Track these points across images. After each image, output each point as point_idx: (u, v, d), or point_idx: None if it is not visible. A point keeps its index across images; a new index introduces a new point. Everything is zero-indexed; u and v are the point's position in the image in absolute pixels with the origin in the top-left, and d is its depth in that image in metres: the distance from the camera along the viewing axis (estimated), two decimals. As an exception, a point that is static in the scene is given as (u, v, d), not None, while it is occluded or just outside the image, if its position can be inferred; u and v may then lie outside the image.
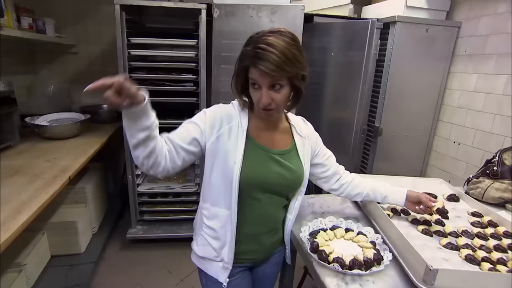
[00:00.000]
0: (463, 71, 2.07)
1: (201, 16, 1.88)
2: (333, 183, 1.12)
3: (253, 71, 0.83)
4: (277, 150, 0.97)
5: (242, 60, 0.86)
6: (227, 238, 0.94)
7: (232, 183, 0.89)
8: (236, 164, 0.88)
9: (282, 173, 0.95)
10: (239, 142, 0.90)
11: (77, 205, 2.08)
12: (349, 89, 2.17)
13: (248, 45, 0.84)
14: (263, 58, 0.79)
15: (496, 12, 1.83)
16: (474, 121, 2.00)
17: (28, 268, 1.62)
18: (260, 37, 0.82)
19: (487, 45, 1.89)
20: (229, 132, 0.91)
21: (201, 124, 0.91)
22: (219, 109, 0.95)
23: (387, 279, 0.86)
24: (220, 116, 0.92)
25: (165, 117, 2.10)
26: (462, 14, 2.07)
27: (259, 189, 0.95)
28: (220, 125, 0.92)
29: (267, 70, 0.80)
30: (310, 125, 1.11)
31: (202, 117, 0.92)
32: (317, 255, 0.90)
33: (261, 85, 0.84)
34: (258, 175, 0.93)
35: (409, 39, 2.03)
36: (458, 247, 0.97)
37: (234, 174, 0.88)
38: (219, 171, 0.92)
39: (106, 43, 2.61)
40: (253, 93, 0.88)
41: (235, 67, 0.90)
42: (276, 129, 1.00)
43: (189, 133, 0.90)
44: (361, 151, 2.32)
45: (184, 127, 0.93)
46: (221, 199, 0.93)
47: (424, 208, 1.09)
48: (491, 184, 1.35)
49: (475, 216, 1.19)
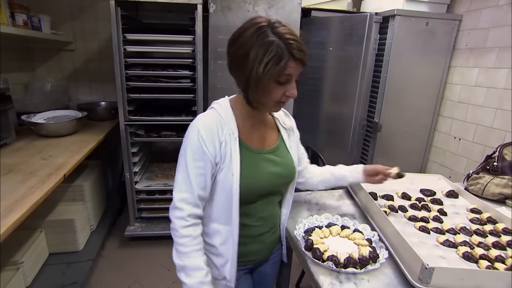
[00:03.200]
0: (463, 65, 2.04)
1: (197, 11, 1.86)
2: (300, 178, 1.13)
3: (292, 64, 0.77)
4: (269, 149, 0.93)
5: (279, 54, 0.75)
6: (229, 254, 0.89)
7: (233, 197, 0.84)
8: (234, 176, 0.83)
9: (277, 172, 0.93)
10: (233, 152, 0.84)
11: (75, 203, 2.07)
12: (347, 85, 2.15)
13: (267, 37, 0.75)
14: (300, 48, 0.76)
15: (498, 4, 1.79)
16: (474, 115, 1.97)
17: (26, 266, 1.62)
18: (277, 28, 0.76)
19: (489, 38, 1.86)
20: (225, 146, 0.84)
21: (210, 157, 0.82)
22: (208, 127, 0.83)
23: (383, 278, 0.84)
24: (212, 138, 0.82)
25: (162, 114, 2.08)
26: (463, 7, 2.03)
27: (258, 194, 0.92)
28: (219, 144, 0.83)
29: (306, 61, 0.78)
30: (292, 118, 1.06)
31: (205, 151, 0.81)
32: (311, 253, 0.88)
33: (293, 77, 0.80)
34: (256, 182, 0.88)
35: (409, 33, 2.00)
36: (455, 245, 0.95)
37: (233, 187, 0.83)
38: (220, 187, 0.86)
39: (103, 40, 2.59)
40: (276, 89, 0.80)
41: (260, 66, 0.75)
42: (263, 125, 0.96)
43: (206, 177, 0.83)
44: (360, 147, 2.30)
45: (198, 174, 0.82)
46: (221, 215, 0.88)
47: (382, 177, 1.10)
48: (491, 180, 1.33)
49: (474, 212, 1.16)
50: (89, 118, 2.35)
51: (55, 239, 1.92)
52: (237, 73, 0.83)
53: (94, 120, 2.42)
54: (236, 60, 0.81)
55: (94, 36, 2.58)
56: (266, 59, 0.74)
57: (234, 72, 0.84)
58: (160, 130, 2.17)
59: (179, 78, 2.04)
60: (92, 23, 2.54)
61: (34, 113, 2.06)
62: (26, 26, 1.96)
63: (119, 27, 1.82)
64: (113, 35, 1.82)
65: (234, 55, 0.81)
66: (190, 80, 2.04)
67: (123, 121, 1.96)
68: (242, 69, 0.79)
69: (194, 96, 2.03)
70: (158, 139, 2.16)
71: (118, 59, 1.86)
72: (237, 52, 0.79)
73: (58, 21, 2.41)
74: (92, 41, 2.59)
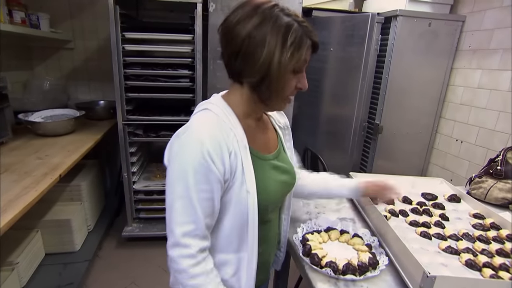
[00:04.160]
0: (466, 67, 2.01)
1: (197, 10, 1.84)
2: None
3: (308, 51, 0.69)
4: (273, 154, 0.81)
5: (300, 37, 0.66)
6: (242, 284, 0.75)
7: (248, 220, 0.69)
8: (250, 193, 0.68)
9: (285, 180, 0.82)
10: (245, 164, 0.69)
11: (72, 203, 2.05)
12: (348, 85, 2.12)
13: (282, 19, 0.65)
14: (316, 35, 0.68)
15: (502, 5, 1.76)
16: (477, 118, 1.94)
17: (21, 267, 1.60)
18: (284, 10, 0.67)
19: (492, 40, 1.83)
20: (235, 158, 0.68)
21: (219, 176, 0.66)
22: (214, 138, 0.66)
23: (382, 285, 0.81)
24: (221, 151, 0.66)
25: (161, 114, 2.07)
26: (466, 8, 2.00)
27: (270, 211, 0.80)
28: (228, 156, 0.68)
29: (319, 47, 0.71)
30: (285, 116, 0.94)
31: (212, 169, 0.65)
32: (309, 259, 0.86)
33: (304, 66, 0.71)
34: (269, 197, 0.75)
35: (411, 34, 1.97)
36: (458, 251, 0.92)
37: (249, 208, 0.69)
38: (229, 210, 0.71)
39: (103, 39, 2.57)
40: (290, 80, 0.70)
41: (284, 52, 0.65)
42: (264, 125, 0.85)
43: (214, 202, 0.68)
44: (361, 149, 2.28)
45: (203, 199, 0.66)
46: (230, 243, 0.73)
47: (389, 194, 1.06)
48: (494, 184, 1.30)
49: (476, 218, 1.14)
50: (88, 117, 2.33)
51: (52, 239, 1.90)
52: (246, 64, 0.67)
53: (93, 119, 2.40)
54: (245, 48, 0.66)
55: (94, 35, 2.56)
56: (288, 42, 0.65)
57: (240, 62, 0.68)
58: (159, 130, 2.15)
59: (178, 78, 2.02)
60: (92, 22, 2.52)
61: (31, 112, 2.04)
62: (24, 24, 1.94)
63: (118, 25, 1.80)
64: (111, 33, 1.80)
65: (241, 41, 0.66)
66: (189, 79, 2.02)
67: (121, 120, 1.94)
68: (253, 58, 0.66)
69: (193, 96, 2.01)
70: (156, 139, 2.14)
71: (116, 57, 1.84)
72: (246, 37, 0.65)
73: (57, 19, 2.39)
74: (92, 40, 2.57)
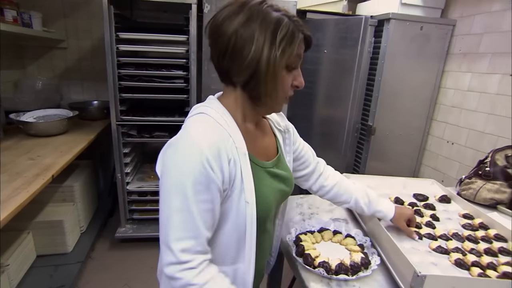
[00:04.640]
0: (457, 70, 2.05)
1: (192, 11, 1.84)
2: (312, 183, 0.96)
3: (302, 44, 0.67)
4: (272, 161, 0.78)
5: (292, 31, 0.64)
6: None
7: (246, 231, 0.66)
8: (250, 204, 0.65)
9: (282, 189, 0.78)
10: (244, 173, 0.65)
11: (64, 204, 2.03)
12: (342, 87, 2.14)
13: (270, 13, 0.63)
14: (308, 29, 0.66)
15: (491, 10, 1.80)
16: (467, 120, 1.98)
17: (11, 269, 1.57)
18: (273, 5, 0.65)
19: (481, 44, 1.87)
20: (234, 166, 0.64)
21: (219, 185, 0.62)
22: (214, 145, 0.61)
23: (374, 285, 0.83)
24: (220, 158, 0.62)
25: (155, 115, 2.06)
26: (456, 12, 2.04)
27: (269, 220, 0.77)
28: (227, 164, 0.64)
29: (312, 43, 0.69)
30: (286, 118, 0.91)
31: (212, 178, 0.61)
32: (302, 259, 0.87)
33: (298, 62, 0.69)
34: (268, 208, 0.72)
35: (403, 37, 2.00)
36: (448, 251, 0.94)
37: (247, 219, 0.66)
38: (226, 221, 0.67)
39: (96, 39, 2.55)
40: (285, 78, 0.68)
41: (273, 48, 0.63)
42: (263, 129, 0.81)
43: (214, 213, 0.64)
44: (354, 150, 2.30)
45: (204, 210, 0.62)
46: (226, 255, 0.70)
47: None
48: (483, 185, 1.33)
49: (466, 218, 1.16)
50: (81, 117, 2.31)
51: (44, 241, 1.87)
52: (234, 62, 0.65)
53: (86, 120, 2.38)
54: (232, 46, 0.63)
55: (87, 34, 2.54)
56: (278, 38, 0.62)
57: (228, 61, 0.65)
58: (153, 130, 2.14)
59: (173, 78, 2.01)
60: (86, 21, 2.50)
61: (23, 112, 2.02)
62: (16, 23, 1.91)
63: (112, 25, 1.79)
64: (105, 33, 1.79)
65: (228, 39, 0.63)
66: (183, 80, 2.01)
67: (114, 121, 1.92)
68: (241, 55, 0.63)
69: (187, 97, 2.01)
70: (150, 140, 2.13)
71: (110, 58, 1.83)
72: (232, 35, 0.63)
73: (50, 18, 2.36)
74: (85, 39, 2.55)
